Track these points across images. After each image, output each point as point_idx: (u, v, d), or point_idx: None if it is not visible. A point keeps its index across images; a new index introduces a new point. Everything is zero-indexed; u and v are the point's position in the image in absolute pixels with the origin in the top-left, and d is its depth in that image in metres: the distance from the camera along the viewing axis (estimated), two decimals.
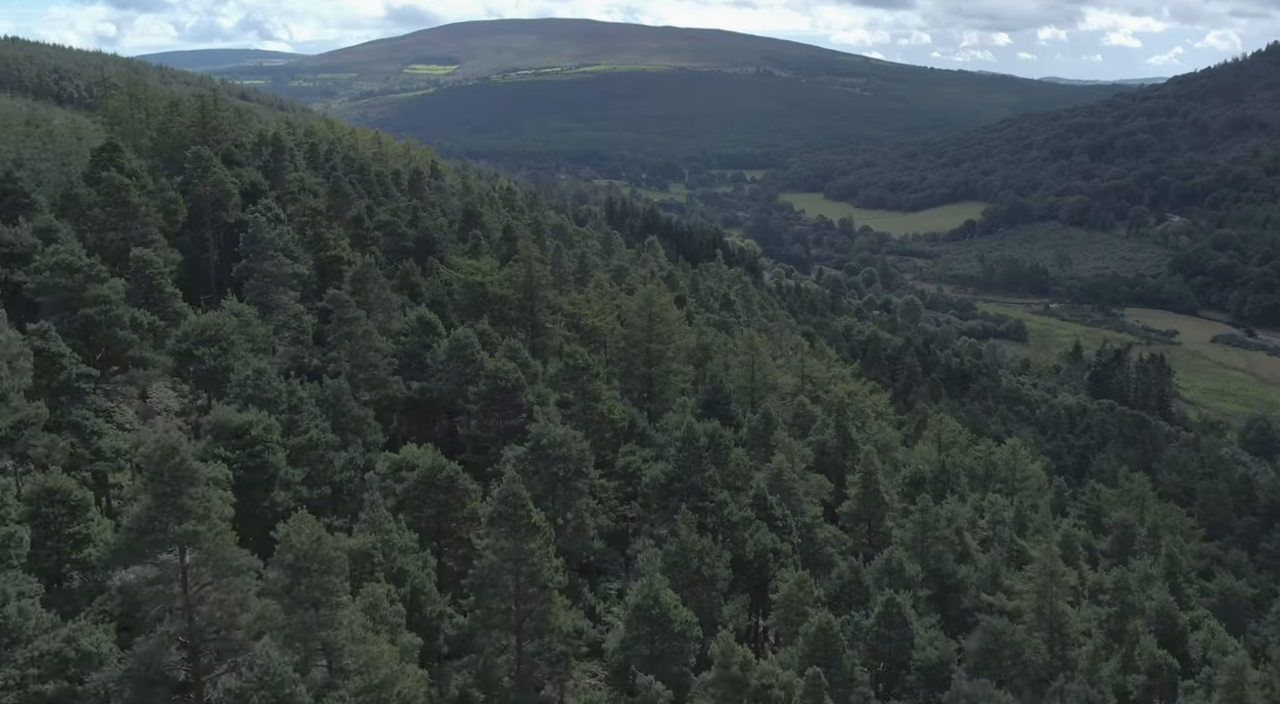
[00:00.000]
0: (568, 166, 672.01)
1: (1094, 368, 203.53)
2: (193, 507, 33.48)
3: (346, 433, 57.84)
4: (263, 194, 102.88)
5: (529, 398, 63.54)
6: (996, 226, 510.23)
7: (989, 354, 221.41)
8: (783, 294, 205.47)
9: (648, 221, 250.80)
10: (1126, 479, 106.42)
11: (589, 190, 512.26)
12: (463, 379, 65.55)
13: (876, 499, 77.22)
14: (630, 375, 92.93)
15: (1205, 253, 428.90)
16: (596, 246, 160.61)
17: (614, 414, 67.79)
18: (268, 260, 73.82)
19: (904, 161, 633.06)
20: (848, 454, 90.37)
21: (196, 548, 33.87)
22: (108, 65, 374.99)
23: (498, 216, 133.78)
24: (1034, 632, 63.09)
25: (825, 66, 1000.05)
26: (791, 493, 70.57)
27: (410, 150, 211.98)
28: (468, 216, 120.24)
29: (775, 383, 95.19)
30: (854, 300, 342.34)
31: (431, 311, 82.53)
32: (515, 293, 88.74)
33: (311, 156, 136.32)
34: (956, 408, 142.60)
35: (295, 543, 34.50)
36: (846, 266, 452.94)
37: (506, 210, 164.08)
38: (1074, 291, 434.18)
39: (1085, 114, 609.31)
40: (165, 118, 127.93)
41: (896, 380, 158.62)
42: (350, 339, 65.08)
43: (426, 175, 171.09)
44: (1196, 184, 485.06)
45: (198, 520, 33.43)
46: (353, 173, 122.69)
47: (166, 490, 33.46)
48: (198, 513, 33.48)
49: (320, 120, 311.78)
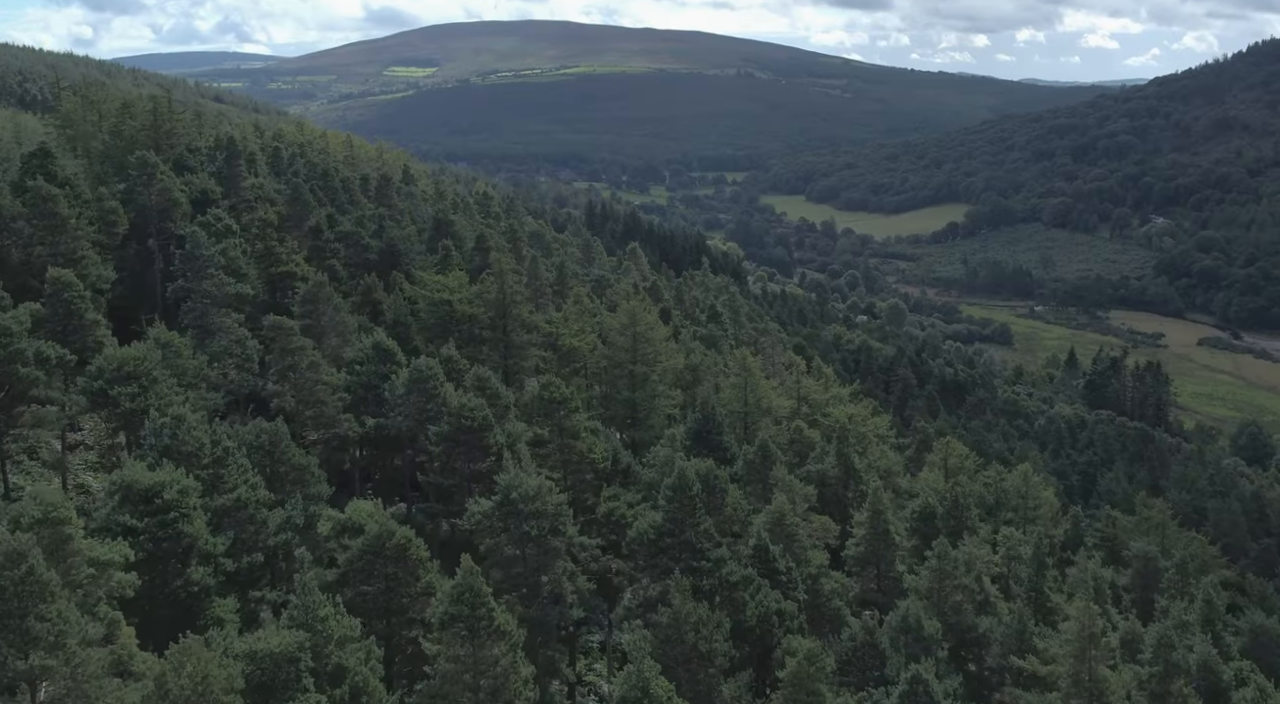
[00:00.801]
0: (548, 169, 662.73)
1: (1089, 376, 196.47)
2: (43, 632, 25.24)
3: (286, 484, 49.61)
4: (214, 202, 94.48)
5: (498, 438, 55.32)
6: (979, 228, 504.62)
7: (981, 362, 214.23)
8: (769, 301, 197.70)
9: (629, 226, 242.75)
10: (1144, 505, 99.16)
11: (569, 193, 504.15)
12: (424, 415, 57.28)
13: (886, 540, 69.30)
14: (613, 400, 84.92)
15: (1190, 254, 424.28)
16: (576, 255, 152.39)
17: (594, 453, 59.67)
18: (207, 279, 65.32)
19: (885, 163, 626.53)
20: (850, 485, 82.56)
21: (49, 684, 25.62)
22: (78, 67, 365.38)
23: (471, 224, 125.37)
24: (1070, 700, 55.54)
25: (805, 68, 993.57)
26: (794, 539, 62.63)
27: (384, 154, 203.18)
28: (438, 225, 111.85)
29: (770, 406, 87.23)
30: (838, 305, 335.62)
31: (393, 334, 74.29)
32: (486, 311, 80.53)
33: (275, 161, 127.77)
34: (955, 424, 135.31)
35: (173, 686, 26.16)
36: (829, 270, 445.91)
37: (482, 217, 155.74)
38: (1058, 294, 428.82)
39: (1067, 115, 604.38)
40: (117, 120, 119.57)
41: (891, 393, 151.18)
42: (295, 372, 56.77)
43: (398, 180, 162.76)
44: (1180, 185, 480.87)
45: (49, 651, 25.18)
46: (315, 179, 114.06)
47: (8, 610, 25.23)
48: (48, 640, 25.21)
49: (291, 123, 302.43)
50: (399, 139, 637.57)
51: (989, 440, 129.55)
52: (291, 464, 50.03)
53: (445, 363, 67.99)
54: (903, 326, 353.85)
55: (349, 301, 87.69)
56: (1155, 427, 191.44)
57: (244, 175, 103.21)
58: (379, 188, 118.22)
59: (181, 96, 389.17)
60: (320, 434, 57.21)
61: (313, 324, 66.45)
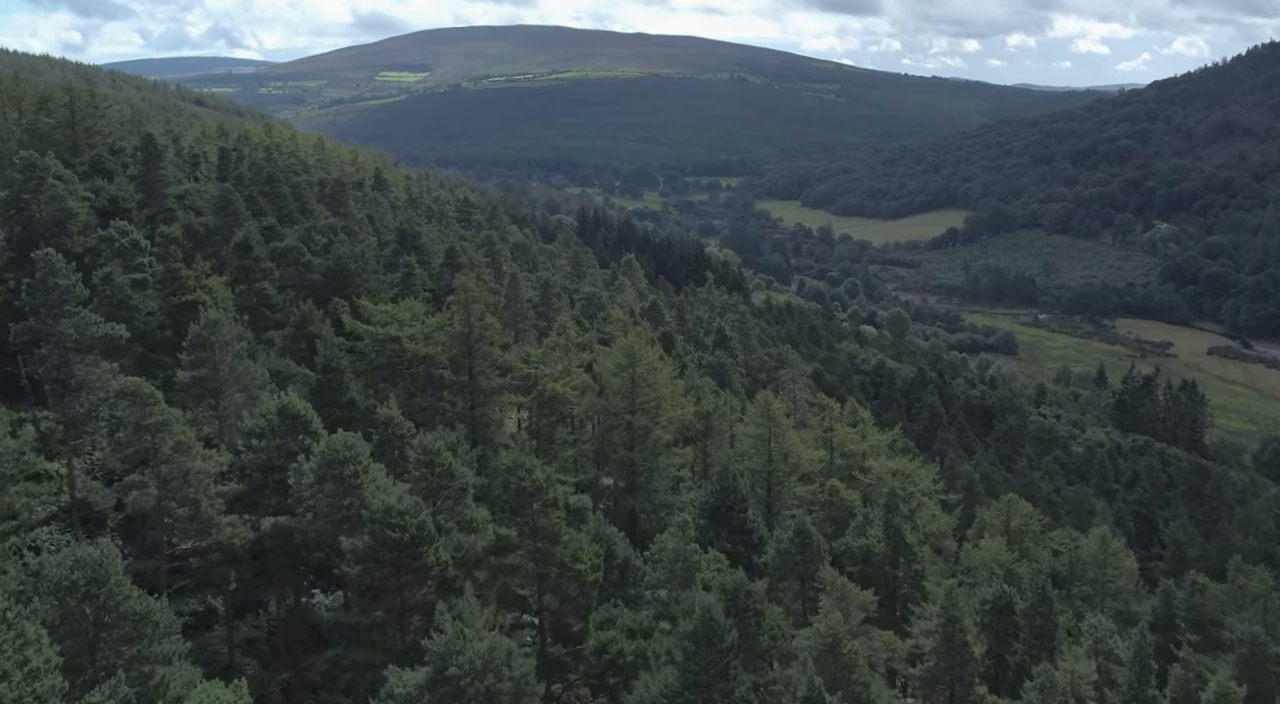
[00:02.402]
0: (540, 174, 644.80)
1: (1120, 395, 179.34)
2: None
3: (116, 645, 32.22)
4: (126, 213, 77.14)
5: (440, 556, 37.85)
6: (979, 234, 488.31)
7: (1002, 381, 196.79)
8: (774, 315, 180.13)
9: (623, 234, 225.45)
10: (1239, 571, 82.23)
11: (561, 199, 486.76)
12: (340, 517, 39.91)
13: (963, 654, 52.26)
14: (607, 459, 67.65)
15: (1196, 261, 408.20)
16: (565, 268, 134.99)
17: (581, 563, 42.38)
18: (65, 317, 47.81)
19: (882, 168, 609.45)
20: (899, 561, 65.56)
21: None
22: (55, 70, 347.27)
23: (444, 235, 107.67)
24: None
25: (798, 73, 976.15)
26: (853, 669, 45.41)
27: (358, 157, 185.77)
28: (403, 237, 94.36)
29: (798, 460, 69.92)
30: (839, 314, 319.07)
31: (323, 386, 56.74)
32: (447, 349, 63.06)
33: (223, 165, 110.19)
34: (991, 459, 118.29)
35: None
36: (828, 277, 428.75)
37: (462, 227, 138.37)
38: (1062, 302, 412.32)
39: (1065, 119, 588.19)
40: (33, 118, 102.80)
41: (915, 420, 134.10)
42: (155, 458, 39.40)
43: (369, 185, 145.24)
44: (1183, 190, 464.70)
45: None
46: (260, 183, 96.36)
47: None
48: None
49: (259, 125, 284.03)
50: (390, 144, 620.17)
51: (1034, 482, 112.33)
52: (125, 612, 32.56)
53: (384, 427, 50.56)
54: (906, 336, 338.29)
55: (281, 336, 70.33)
56: (1191, 450, 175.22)
57: (168, 180, 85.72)
58: (333, 194, 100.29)
59: (161, 100, 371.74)
60: (193, 544, 39.81)
61: (207, 376, 48.83)
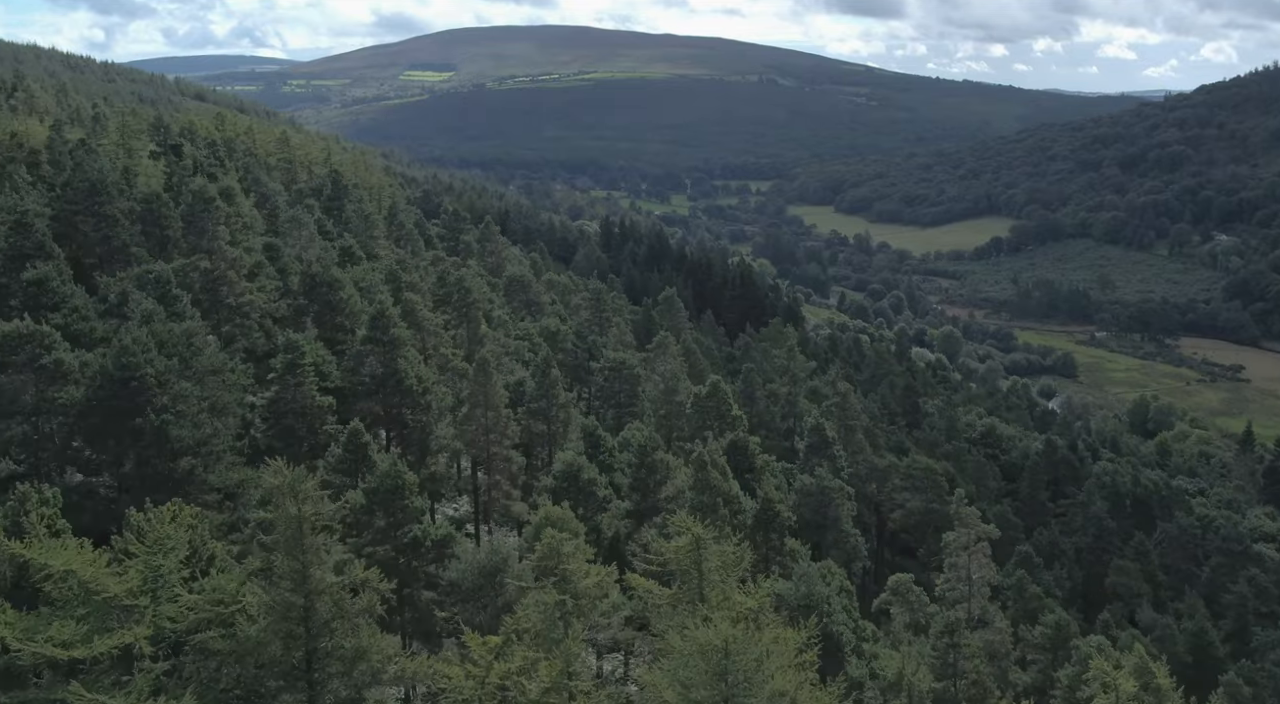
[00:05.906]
0: (564, 176, 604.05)
1: (1273, 462, 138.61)
2: None
3: None
4: None
5: None
6: (1025, 244, 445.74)
7: (1120, 436, 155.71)
8: (842, 353, 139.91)
9: (654, 249, 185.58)
10: None
11: (585, 203, 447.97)
12: None
13: None
14: None
15: (1264, 275, 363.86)
16: (583, 316, 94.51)
17: None
18: None
19: (919, 173, 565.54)
20: None
21: None
22: (41, 60, 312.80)
23: (390, 279, 67.96)
24: None
25: (828, 75, 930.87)
26: None
27: (332, 154, 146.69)
28: (312, 289, 55.19)
29: None
30: (885, 332, 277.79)
31: None
32: None
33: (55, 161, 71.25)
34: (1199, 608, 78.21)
35: None
36: (869, 289, 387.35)
37: (446, 252, 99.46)
38: (1120, 318, 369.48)
39: (1110, 124, 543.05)
40: None
41: (1071, 530, 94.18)
42: None
43: (328, 191, 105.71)
44: (1243, 200, 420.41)
45: None
46: (81, 187, 57.14)
47: None
48: None
49: (262, 122, 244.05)
50: (410, 144, 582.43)
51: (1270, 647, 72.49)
52: None
53: None
54: (959, 357, 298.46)
55: None
56: None
57: None
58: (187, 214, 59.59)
59: (155, 93, 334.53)
60: None
61: None
